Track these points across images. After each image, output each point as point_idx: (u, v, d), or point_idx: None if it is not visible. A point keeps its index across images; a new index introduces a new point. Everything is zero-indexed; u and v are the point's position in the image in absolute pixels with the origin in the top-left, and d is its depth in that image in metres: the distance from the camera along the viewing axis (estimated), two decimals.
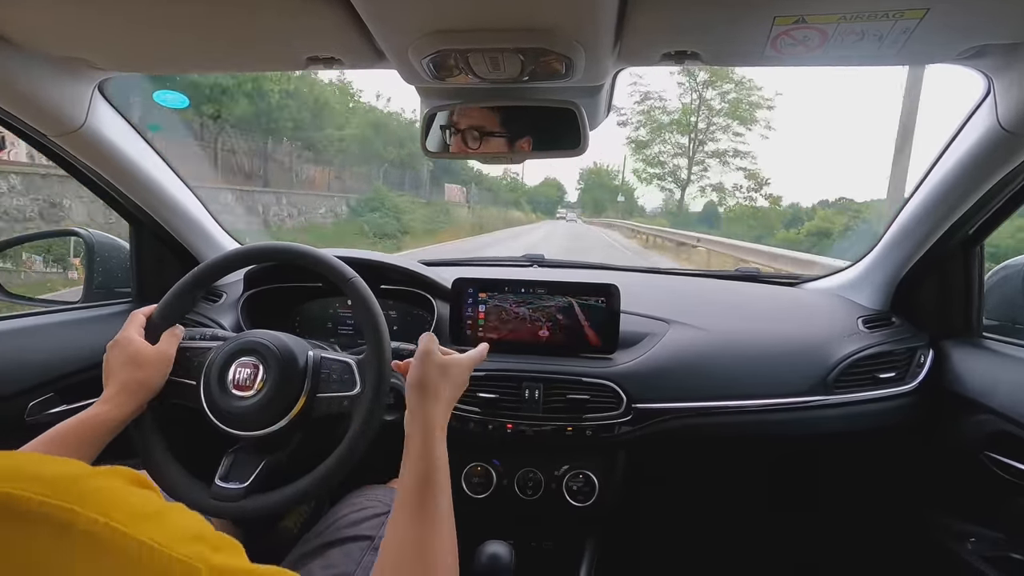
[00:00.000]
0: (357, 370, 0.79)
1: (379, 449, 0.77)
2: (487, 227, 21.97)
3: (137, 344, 0.76)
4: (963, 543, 1.03)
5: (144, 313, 0.81)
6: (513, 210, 39.63)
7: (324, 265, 0.82)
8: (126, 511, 0.32)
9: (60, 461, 0.35)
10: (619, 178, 47.54)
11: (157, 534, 0.32)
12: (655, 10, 0.64)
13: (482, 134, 0.90)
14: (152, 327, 0.80)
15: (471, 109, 0.89)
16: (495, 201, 36.35)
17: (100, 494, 0.33)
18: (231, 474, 0.76)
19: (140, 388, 0.74)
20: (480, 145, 0.91)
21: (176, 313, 0.82)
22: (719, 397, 1.04)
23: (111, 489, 0.34)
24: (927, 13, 0.60)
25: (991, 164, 0.89)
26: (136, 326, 0.78)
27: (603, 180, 51.99)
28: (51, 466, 0.34)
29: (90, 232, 1.25)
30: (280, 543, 0.94)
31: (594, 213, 48.39)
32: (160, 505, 0.35)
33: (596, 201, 51.89)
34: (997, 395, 0.95)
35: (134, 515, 0.32)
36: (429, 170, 19.73)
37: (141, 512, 0.33)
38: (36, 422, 0.95)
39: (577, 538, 1.12)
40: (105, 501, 0.32)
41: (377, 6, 0.61)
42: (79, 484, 0.33)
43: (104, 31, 0.72)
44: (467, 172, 29.17)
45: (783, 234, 16.46)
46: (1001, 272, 1.15)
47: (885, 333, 1.13)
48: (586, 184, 56.32)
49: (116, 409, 0.71)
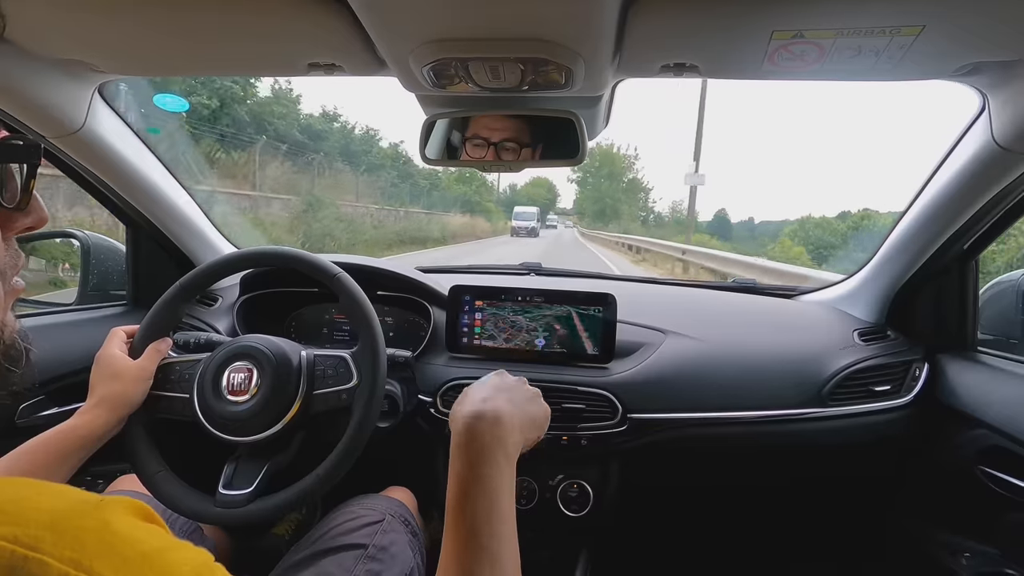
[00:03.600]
0: (352, 362, 0.79)
1: (373, 456, 0.76)
2: (404, 243, 15.15)
3: (117, 358, 0.75)
4: (958, 558, 1.03)
5: (124, 331, 0.80)
6: (479, 218, 29.68)
7: (307, 264, 0.82)
8: (116, 555, 0.29)
9: (48, 493, 0.31)
10: (636, 167, 28.98)
11: None
12: (654, 22, 0.64)
13: (488, 142, 0.90)
14: (134, 348, 0.79)
15: (482, 119, 0.90)
16: (445, 205, 26.86)
17: (86, 535, 0.29)
18: (234, 481, 0.76)
19: (118, 402, 0.73)
20: (479, 153, 0.91)
21: (160, 330, 0.81)
22: (714, 408, 1.04)
23: (104, 529, 0.30)
24: (923, 30, 0.61)
25: (986, 180, 0.90)
26: (116, 341, 0.78)
27: (615, 167, 34.87)
28: (33, 505, 0.30)
29: (86, 234, 1.24)
30: (271, 551, 0.93)
31: (596, 221, 34.43)
32: (161, 544, 0.32)
33: (600, 202, 36.13)
34: (991, 409, 0.95)
35: (124, 560, 0.29)
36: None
37: (136, 555, 0.30)
38: (27, 425, 0.94)
39: (571, 548, 1.11)
40: (88, 544, 0.29)
41: (378, 14, 0.61)
42: (62, 523, 0.29)
43: (105, 34, 0.73)
44: (429, 174, 23.93)
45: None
46: (995, 287, 1.16)
47: (880, 346, 1.13)
48: (587, 175, 36.93)
49: (95, 421, 0.70)
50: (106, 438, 0.72)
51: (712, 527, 1.35)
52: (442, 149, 0.92)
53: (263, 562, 0.81)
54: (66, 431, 0.68)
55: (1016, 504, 0.90)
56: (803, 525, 1.34)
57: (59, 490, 0.32)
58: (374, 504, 0.89)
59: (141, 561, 0.30)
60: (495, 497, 0.51)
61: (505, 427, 0.56)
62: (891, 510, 1.23)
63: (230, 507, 0.73)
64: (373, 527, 0.83)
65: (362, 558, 0.77)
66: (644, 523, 1.31)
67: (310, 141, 17.05)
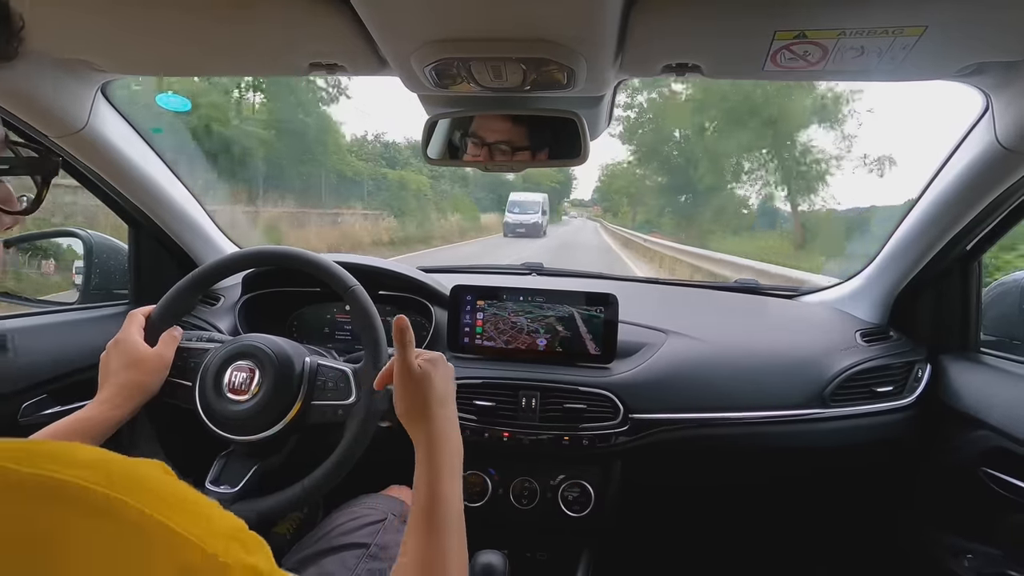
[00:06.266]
0: (353, 379, 0.79)
1: (375, 457, 0.76)
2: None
3: (137, 345, 0.76)
4: (960, 559, 1.02)
5: (143, 313, 0.80)
6: (443, 217, 18.48)
7: (325, 271, 0.82)
8: (165, 501, 0.32)
9: (92, 448, 0.34)
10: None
11: (194, 527, 0.31)
12: (656, 22, 0.64)
13: (483, 142, 0.90)
14: (151, 327, 0.80)
15: (480, 119, 0.89)
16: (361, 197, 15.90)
17: (139, 482, 0.32)
18: (222, 478, 0.76)
19: (137, 390, 0.74)
20: (481, 153, 0.91)
21: (175, 314, 0.82)
22: (716, 409, 1.04)
23: (148, 477, 0.33)
24: (926, 30, 0.61)
25: (989, 180, 0.89)
26: (136, 326, 0.78)
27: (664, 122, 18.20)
28: (84, 452, 0.33)
29: (89, 233, 1.25)
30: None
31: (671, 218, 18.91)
32: (197, 498, 0.34)
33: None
34: (994, 411, 0.95)
35: (173, 505, 0.32)
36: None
37: (179, 502, 0.32)
38: (30, 423, 0.95)
39: (572, 549, 1.11)
40: (144, 489, 0.31)
41: (381, 14, 0.62)
42: (117, 469, 0.32)
43: (107, 34, 0.73)
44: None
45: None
46: (999, 287, 1.15)
47: (883, 347, 1.13)
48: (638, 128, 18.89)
49: (113, 410, 0.70)
50: (119, 426, 0.72)
51: (713, 528, 1.35)
52: (444, 149, 0.92)
53: None
54: (83, 419, 0.68)
55: (1019, 506, 0.89)
56: (804, 526, 1.33)
57: (97, 449, 0.34)
58: (376, 503, 0.89)
59: (192, 509, 0.33)
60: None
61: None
62: (893, 511, 1.23)
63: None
64: (375, 526, 0.83)
65: (364, 557, 0.78)
66: (645, 523, 1.31)
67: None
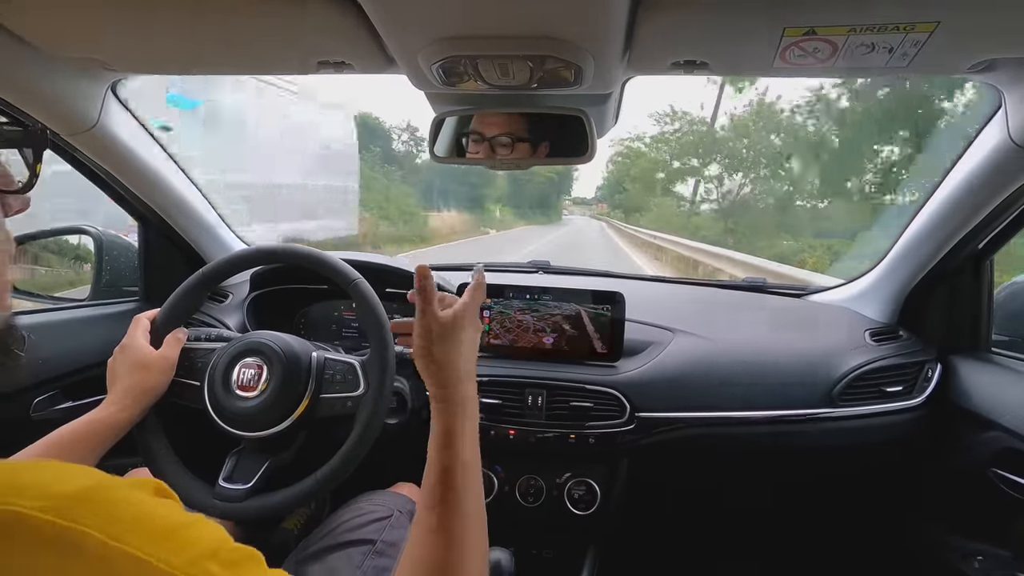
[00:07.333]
0: (361, 371, 0.80)
1: (381, 454, 0.77)
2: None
3: (143, 349, 0.77)
4: (970, 561, 1.01)
5: (148, 317, 0.81)
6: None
7: (328, 267, 0.83)
8: (142, 529, 0.31)
9: (73, 472, 0.33)
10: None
11: (171, 554, 0.31)
12: (664, 19, 0.64)
13: (490, 140, 0.90)
14: (156, 331, 0.80)
15: (479, 115, 0.89)
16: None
17: (116, 508, 0.31)
18: (235, 475, 0.77)
19: (144, 392, 0.75)
20: (481, 149, 0.91)
21: (180, 316, 0.83)
22: (723, 408, 1.03)
23: (128, 503, 0.32)
24: (937, 26, 0.60)
25: (1002, 178, 0.88)
26: (141, 330, 0.79)
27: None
28: (63, 480, 0.32)
29: (99, 231, 1.26)
30: (280, 545, 0.94)
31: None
32: (180, 519, 0.34)
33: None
34: (1006, 411, 0.94)
35: (149, 533, 0.31)
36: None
37: (159, 529, 0.32)
38: (42, 418, 0.96)
39: (578, 547, 1.11)
40: (120, 517, 0.31)
41: (389, 11, 0.62)
42: (93, 497, 0.31)
43: (118, 33, 0.73)
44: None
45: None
46: (1011, 287, 1.14)
47: (893, 346, 1.12)
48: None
49: (121, 412, 0.72)
50: (128, 428, 0.73)
51: (720, 527, 1.35)
52: (451, 147, 0.92)
53: (272, 556, 0.82)
54: (93, 422, 0.69)
55: None
56: (812, 526, 1.33)
57: (82, 470, 0.34)
58: (382, 500, 0.90)
59: (166, 534, 0.32)
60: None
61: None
62: (902, 512, 1.22)
63: (228, 500, 0.74)
64: (381, 523, 0.83)
65: (370, 553, 0.78)
66: (651, 522, 1.30)
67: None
